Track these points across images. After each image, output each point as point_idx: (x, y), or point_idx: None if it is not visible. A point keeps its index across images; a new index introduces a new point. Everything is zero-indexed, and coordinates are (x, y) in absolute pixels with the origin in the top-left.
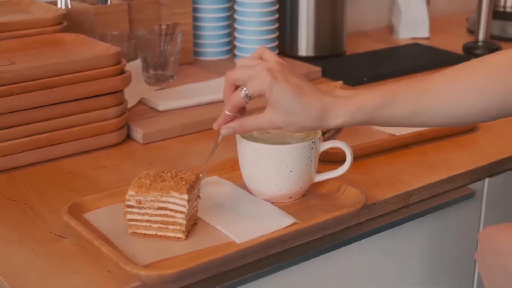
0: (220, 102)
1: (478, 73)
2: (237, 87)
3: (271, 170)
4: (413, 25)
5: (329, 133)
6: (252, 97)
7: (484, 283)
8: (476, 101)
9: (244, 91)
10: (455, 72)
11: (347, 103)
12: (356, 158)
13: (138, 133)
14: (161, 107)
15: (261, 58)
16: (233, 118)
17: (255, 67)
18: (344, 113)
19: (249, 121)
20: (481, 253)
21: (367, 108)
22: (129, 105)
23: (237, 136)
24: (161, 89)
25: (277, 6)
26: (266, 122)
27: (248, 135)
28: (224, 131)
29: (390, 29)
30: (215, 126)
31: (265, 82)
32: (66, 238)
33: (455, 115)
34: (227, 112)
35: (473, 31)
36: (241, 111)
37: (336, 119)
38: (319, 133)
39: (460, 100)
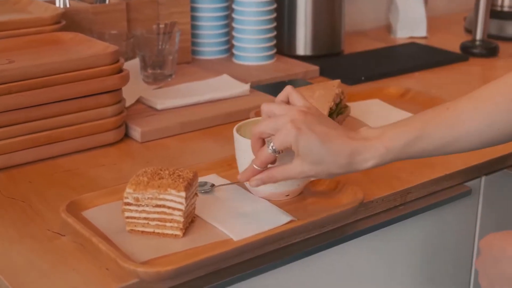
0: (217, 101)
1: (503, 95)
2: (264, 139)
3: None
4: (411, 24)
5: None
6: (280, 151)
7: (480, 280)
8: (506, 123)
9: (272, 146)
10: (480, 97)
11: (375, 145)
12: None
13: (136, 132)
14: (159, 106)
15: (287, 100)
16: (261, 171)
17: (279, 119)
18: (374, 156)
19: (279, 172)
20: (481, 261)
21: (396, 147)
22: (127, 103)
23: (234, 133)
24: (159, 88)
25: (274, 5)
26: (296, 173)
27: (245, 132)
28: (253, 183)
29: (388, 28)
30: (242, 178)
31: (290, 135)
32: (64, 235)
33: (485, 140)
34: (256, 167)
35: (470, 30)
36: (271, 163)
37: (366, 163)
38: None
39: (490, 125)
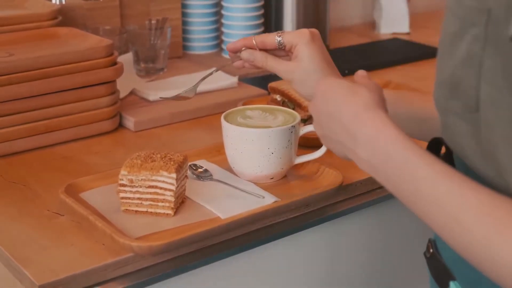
0: (207, 92)
1: None
2: None
3: (254, 152)
4: (394, 20)
5: (310, 121)
6: (283, 46)
7: (315, 127)
8: None
9: (278, 36)
10: None
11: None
12: None
13: (130, 121)
14: (151, 97)
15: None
16: (252, 47)
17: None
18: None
19: (272, 61)
20: (312, 104)
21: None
22: (122, 95)
23: (222, 120)
24: (152, 80)
25: (262, 2)
26: (284, 70)
27: (232, 120)
28: (245, 54)
29: (373, 24)
30: (230, 46)
31: (304, 37)
32: (63, 215)
33: None
34: (253, 40)
35: None
36: (267, 48)
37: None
38: (299, 118)
39: None
